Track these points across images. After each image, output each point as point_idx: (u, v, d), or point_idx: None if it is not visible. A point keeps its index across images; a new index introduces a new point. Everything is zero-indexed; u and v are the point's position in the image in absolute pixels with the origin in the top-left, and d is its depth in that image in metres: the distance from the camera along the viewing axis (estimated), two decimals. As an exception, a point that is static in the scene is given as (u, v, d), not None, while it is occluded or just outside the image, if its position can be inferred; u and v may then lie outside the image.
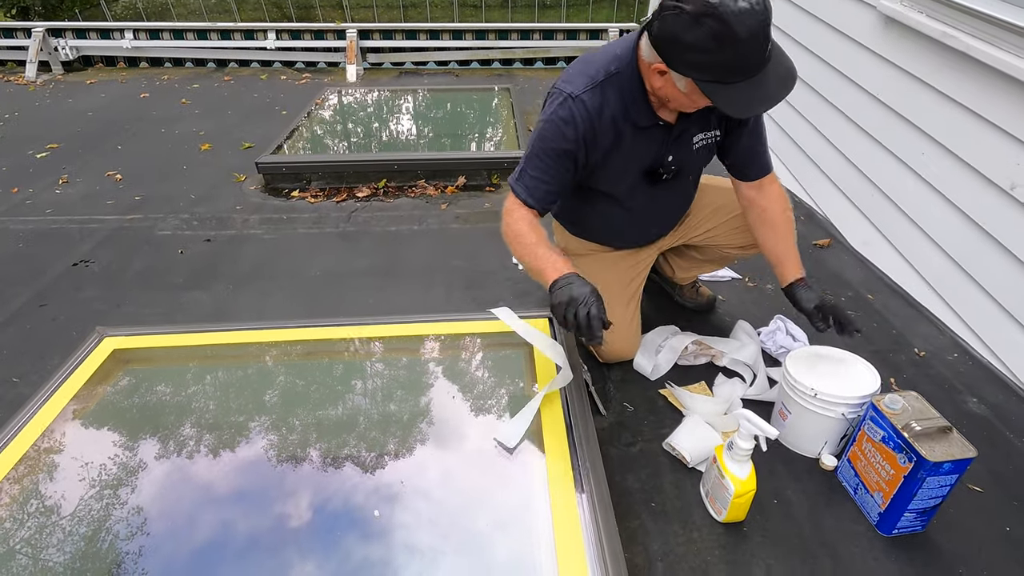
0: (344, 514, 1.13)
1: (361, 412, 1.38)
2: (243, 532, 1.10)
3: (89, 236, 2.31)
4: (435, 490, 1.17)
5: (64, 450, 1.26)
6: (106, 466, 1.22)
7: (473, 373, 1.51)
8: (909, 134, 1.89)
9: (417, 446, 1.28)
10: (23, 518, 1.11)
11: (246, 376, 1.51)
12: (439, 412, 1.36)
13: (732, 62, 1.02)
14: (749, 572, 1.12)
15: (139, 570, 1.03)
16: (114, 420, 1.34)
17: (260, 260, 2.16)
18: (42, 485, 1.18)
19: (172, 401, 1.39)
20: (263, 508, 1.14)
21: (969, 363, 1.63)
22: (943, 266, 1.77)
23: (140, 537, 1.08)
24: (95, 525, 1.10)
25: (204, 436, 1.30)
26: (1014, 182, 1.51)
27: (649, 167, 1.36)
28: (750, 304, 1.88)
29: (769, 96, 1.07)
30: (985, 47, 1.57)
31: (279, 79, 4.26)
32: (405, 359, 1.58)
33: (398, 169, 2.71)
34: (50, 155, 3.04)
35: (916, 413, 1.13)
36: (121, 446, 1.27)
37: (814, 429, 1.29)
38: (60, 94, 3.96)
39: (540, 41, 4.54)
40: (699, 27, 0.99)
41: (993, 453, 1.36)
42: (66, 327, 1.80)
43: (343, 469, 1.22)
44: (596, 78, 1.22)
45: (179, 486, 1.18)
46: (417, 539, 1.07)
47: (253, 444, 1.28)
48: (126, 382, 1.44)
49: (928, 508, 1.14)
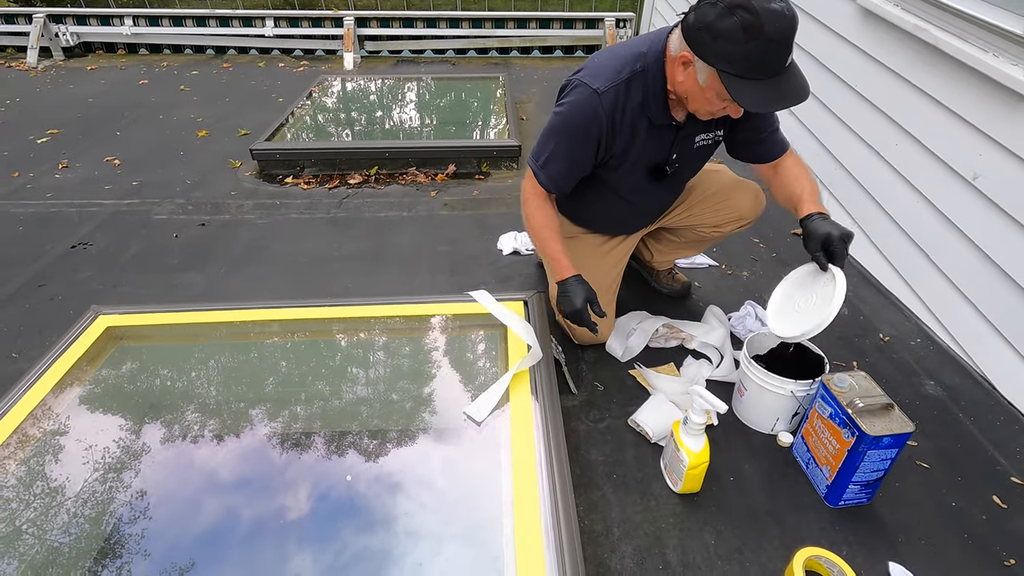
0: (321, 478, 1.20)
1: (342, 386, 1.45)
2: (229, 500, 1.17)
3: (88, 220, 2.38)
4: (405, 458, 1.24)
5: (57, 422, 1.33)
6: (97, 438, 1.30)
7: (450, 352, 1.57)
8: (884, 125, 1.93)
9: (392, 417, 1.35)
10: (16, 486, 1.19)
11: (235, 352, 1.58)
12: (415, 387, 1.44)
13: (756, 56, 1.06)
14: (700, 538, 1.19)
15: (129, 536, 1.11)
16: (106, 394, 1.42)
17: (253, 244, 2.23)
18: (35, 455, 1.26)
19: (163, 376, 1.47)
20: (248, 476, 1.21)
21: (930, 348, 1.69)
22: (912, 255, 1.82)
23: (130, 504, 1.16)
24: (85, 494, 1.18)
25: (193, 410, 1.37)
26: (976, 172, 1.56)
27: (655, 164, 1.41)
28: (724, 291, 1.93)
29: (782, 97, 1.11)
30: (953, 40, 1.61)
31: (277, 66, 4.31)
32: (386, 338, 1.64)
33: (389, 157, 2.76)
34: (50, 140, 3.11)
35: (861, 391, 1.19)
36: (112, 419, 1.35)
37: (767, 407, 1.36)
38: (61, 80, 4.01)
39: (537, 30, 4.56)
40: (731, 16, 1.04)
41: (944, 432, 1.42)
42: (64, 306, 1.88)
43: (321, 438, 1.29)
44: (621, 74, 1.25)
45: (167, 457, 1.26)
46: (384, 502, 1.14)
47: (240, 417, 1.36)
48: (119, 358, 1.51)
49: (872, 481, 1.20)
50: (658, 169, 1.42)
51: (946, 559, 1.15)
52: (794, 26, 1.06)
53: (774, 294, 1.37)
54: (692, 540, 1.18)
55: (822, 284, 1.26)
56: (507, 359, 1.47)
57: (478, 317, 1.62)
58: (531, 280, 1.98)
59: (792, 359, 1.39)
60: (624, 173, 1.42)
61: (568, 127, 1.30)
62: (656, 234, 1.81)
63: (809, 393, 1.30)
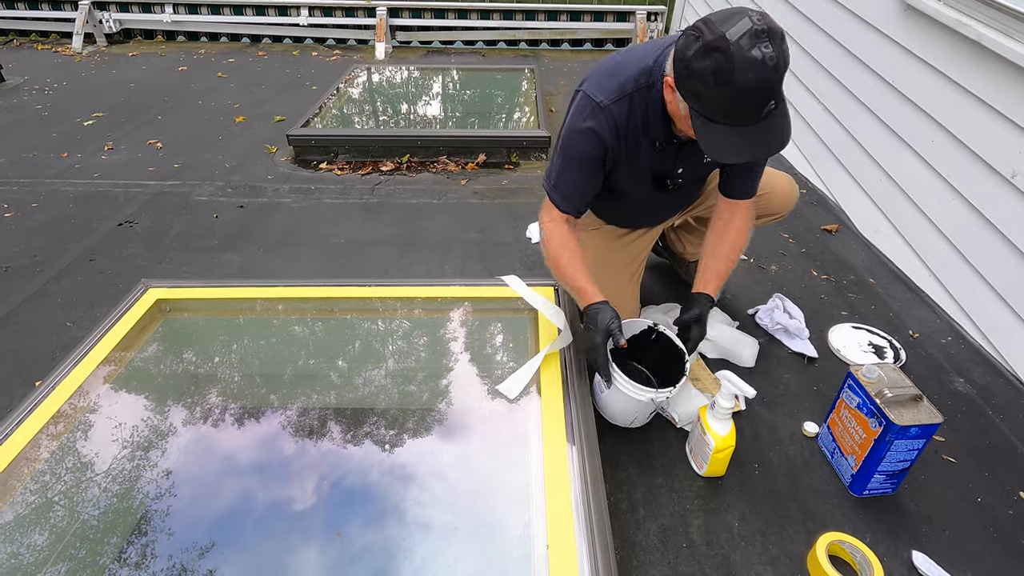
0: (362, 439, 1.26)
1: (377, 362, 1.51)
2: (269, 463, 1.24)
3: (132, 200, 2.48)
4: (440, 432, 1.29)
5: (112, 388, 1.41)
6: (147, 404, 1.38)
7: (482, 332, 1.62)
8: (921, 122, 1.91)
9: (426, 394, 1.41)
10: (72, 447, 1.27)
11: (275, 327, 1.65)
12: (448, 365, 1.49)
13: (723, 104, 1.01)
14: (723, 520, 1.22)
15: (172, 501, 1.18)
16: (156, 362, 1.50)
17: (289, 227, 2.30)
18: (93, 418, 1.34)
19: (208, 347, 1.54)
20: (282, 446, 1.28)
21: (961, 346, 1.68)
22: (944, 252, 1.81)
23: (172, 467, 1.23)
24: (139, 451, 1.26)
25: (235, 379, 1.44)
26: (1015, 170, 1.55)
27: (659, 176, 1.39)
28: (752, 284, 1.94)
29: (748, 148, 1.06)
30: (996, 36, 1.59)
31: (310, 55, 4.39)
32: (420, 318, 1.70)
33: (421, 145, 2.82)
34: (96, 123, 3.23)
35: (890, 382, 1.20)
36: (161, 387, 1.43)
37: (629, 407, 1.33)
38: (104, 65, 4.14)
39: (567, 23, 4.57)
40: (706, 58, 0.98)
41: (972, 428, 1.43)
42: (113, 280, 1.97)
43: (360, 410, 1.35)
44: (625, 88, 1.21)
45: (210, 425, 1.33)
46: (420, 472, 1.20)
47: (280, 387, 1.42)
48: (167, 328, 1.59)
49: (897, 471, 1.21)
50: (661, 181, 1.39)
51: (969, 550, 1.16)
52: (776, 77, 0.98)
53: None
54: (716, 521, 1.21)
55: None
56: (538, 341, 1.51)
57: (509, 301, 1.66)
58: (559, 268, 2.01)
59: (652, 345, 1.37)
60: (631, 182, 1.40)
61: (573, 144, 1.28)
62: (688, 226, 1.81)
63: (668, 398, 1.28)
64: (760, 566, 1.13)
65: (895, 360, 1.61)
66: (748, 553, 1.15)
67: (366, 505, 1.15)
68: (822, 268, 2.01)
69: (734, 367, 1.58)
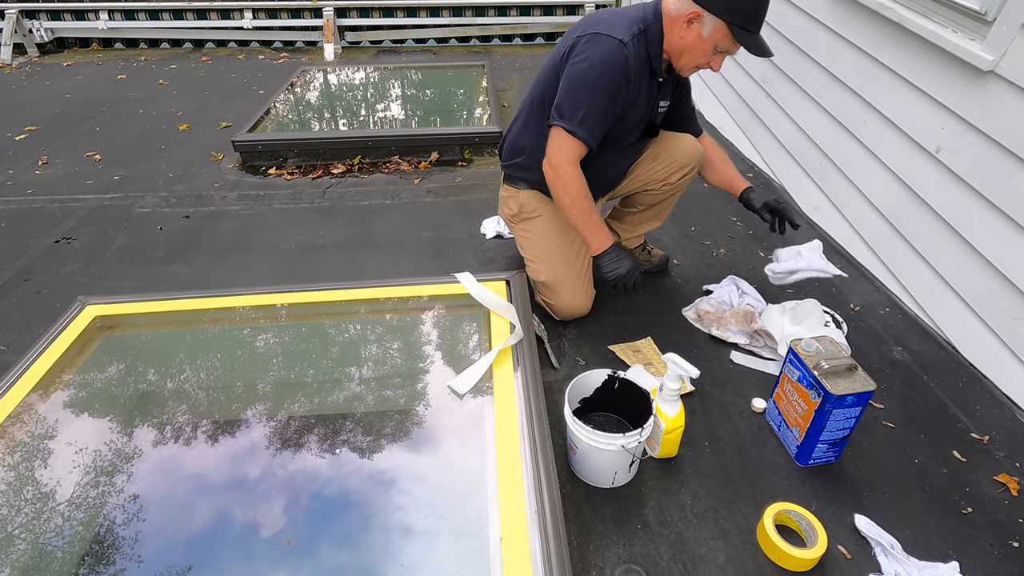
0: (316, 444, 1.24)
1: (331, 366, 1.49)
2: (221, 478, 1.21)
3: (70, 215, 2.38)
4: (393, 430, 1.28)
5: (48, 411, 1.36)
6: (88, 425, 1.33)
7: (435, 330, 1.61)
8: (853, 103, 1.98)
9: (380, 393, 1.39)
10: (11, 470, 1.22)
11: (223, 338, 1.61)
12: (401, 364, 1.48)
13: (753, 12, 1.32)
14: (677, 499, 1.24)
15: (122, 524, 1.14)
16: (96, 381, 1.44)
17: (237, 235, 2.24)
18: (29, 443, 1.28)
19: (152, 363, 1.49)
20: (238, 457, 1.25)
21: (899, 316, 1.75)
22: (879, 227, 1.88)
23: (122, 492, 1.19)
24: (80, 481, 1.21)
25: (182, 395, 1.40)
26: (939, 145, 1.62)
27: (649, 122, 1.56)
28: (703, 267, 1.98)
29: (765, 50, 1.36)
30: (916, 18, 1.66)
31: (257, 59, 4.28)
32: (373, 319, 1.68)
33: (372, 145, 2.78)
34: (29, 137, 3.08)
35: (827, 354, 1.25)
36: (103, 406, 1.38)
37: (603, 463, 1.22)
38: (37, 76, 3.96)
39: (517, 18, 4.57)
40: None
41: (909, 394, 1.49)
42: (50, 299, 1.89)
43: (311, 416, 1.33)
44: (633, 29, 1.38)
45: (158, 442, 1.29)
46: (374, 471, 1.19)
47: (231, 400, 1.39)
48: (107, 346, 1.54)
49: (838, 440, 1.26)
50: (651, 126, 1.58)
51: (908, 510, 1.22)
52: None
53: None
54: (669, 500, 1.24)
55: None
56: (491, 338, 1.52)
57: (463, 298, 1.66)
58: (514, 262, 2.02)
59: (619, 395, 1.32)
60: (628, 121, 1.50)
61: (602, 76, 1.37)
62: (616, 214, 1.88)
63: (640, 442, 1.18)
64: (712, 540, 1.16)
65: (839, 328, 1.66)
66: (700, 529, 1.18)
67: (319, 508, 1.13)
68: (768, 249, 2.07)
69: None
